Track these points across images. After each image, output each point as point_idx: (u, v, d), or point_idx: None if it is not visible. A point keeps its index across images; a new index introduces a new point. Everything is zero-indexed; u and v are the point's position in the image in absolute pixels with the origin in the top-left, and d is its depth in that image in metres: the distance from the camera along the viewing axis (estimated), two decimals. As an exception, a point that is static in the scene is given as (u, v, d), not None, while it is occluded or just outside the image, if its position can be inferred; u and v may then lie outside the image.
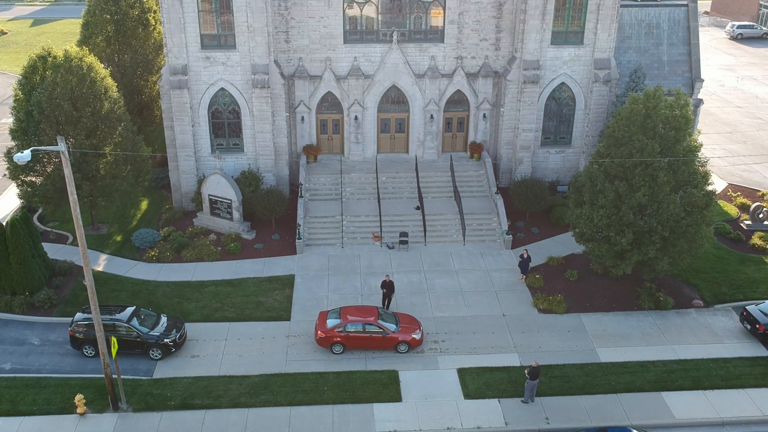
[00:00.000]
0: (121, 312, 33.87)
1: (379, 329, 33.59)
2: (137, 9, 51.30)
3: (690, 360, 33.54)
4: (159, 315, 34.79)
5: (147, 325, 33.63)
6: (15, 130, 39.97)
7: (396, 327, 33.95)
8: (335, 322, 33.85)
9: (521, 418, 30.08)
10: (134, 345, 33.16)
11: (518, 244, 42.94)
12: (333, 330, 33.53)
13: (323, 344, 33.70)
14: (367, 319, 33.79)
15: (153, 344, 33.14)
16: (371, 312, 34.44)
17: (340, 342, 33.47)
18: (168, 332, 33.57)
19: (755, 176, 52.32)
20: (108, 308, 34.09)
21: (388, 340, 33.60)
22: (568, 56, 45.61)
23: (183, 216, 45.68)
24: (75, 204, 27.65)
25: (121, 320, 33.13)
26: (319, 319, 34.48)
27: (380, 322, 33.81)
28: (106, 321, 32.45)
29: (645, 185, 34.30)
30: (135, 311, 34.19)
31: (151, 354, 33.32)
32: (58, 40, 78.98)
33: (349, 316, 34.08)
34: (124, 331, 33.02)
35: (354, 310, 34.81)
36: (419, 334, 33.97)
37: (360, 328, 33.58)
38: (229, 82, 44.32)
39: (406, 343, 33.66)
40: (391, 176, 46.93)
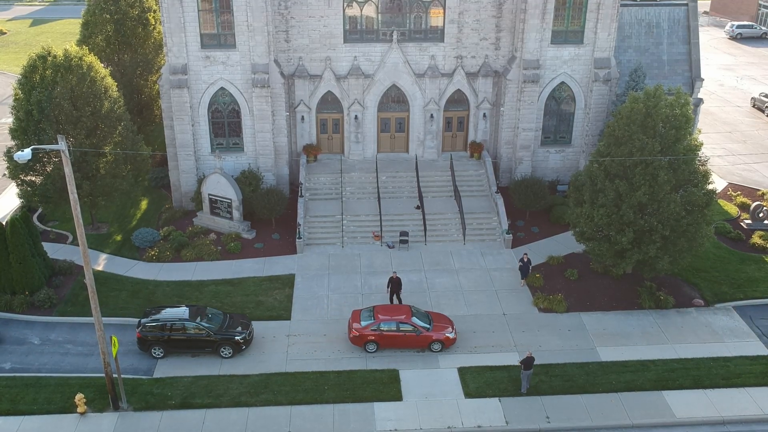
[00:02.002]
0: (179, 311, 34.00)
1: (413, 328, 33.56)
2: (137, 8, 51.36)
3: (690, 359, 33.54)
4: (225, 313, 34.80)
5: (215, 323, 33.62)
6: (15, 129, 39.93)
7: (430, 326, 33.94)
8: (369, 320, 33.84)
9: (522, 417, 30.07)
10: (204, 344, 33.16)
11: (518, 243, 42.94)
12: (367, 328, 33.52)
13: (356, 342, 33.71)
14: (401, 318, 33.75)
15: (224, 343, 33.12)
16: (404, 311, 34.40)
17: (374, 340, 33.45)
18: (238, 330, 33.59)
19: (755, 175, 52.34)
20: (162, 309, 34.28)
21: (421, 339, 33.57)
22: (568, 55, 45.61)
23: (183, 215, 45.66)
24: (75, 203, 27.63)
25: (189, 320, 33.17)
26: (352, 317, 34.48)
27: (414, 320, 33.78)
28: (174, 321, 32.81)
29: (645, 184, 34.30)
30: (199, 310, 34.23)
31: (222, 352, 33.27)
32: (57, 40, 78.91)
33: (382, 314, 34.05)
34: (193, 330, 33.05)
35: (387, 308, 34.80)
36: (453, 333, 33.96)
37: (394, 326, 33.56)
38: (229, 81, 44.31)
39: (440, 341, 33.62)
40: (391, 176, 46.93)
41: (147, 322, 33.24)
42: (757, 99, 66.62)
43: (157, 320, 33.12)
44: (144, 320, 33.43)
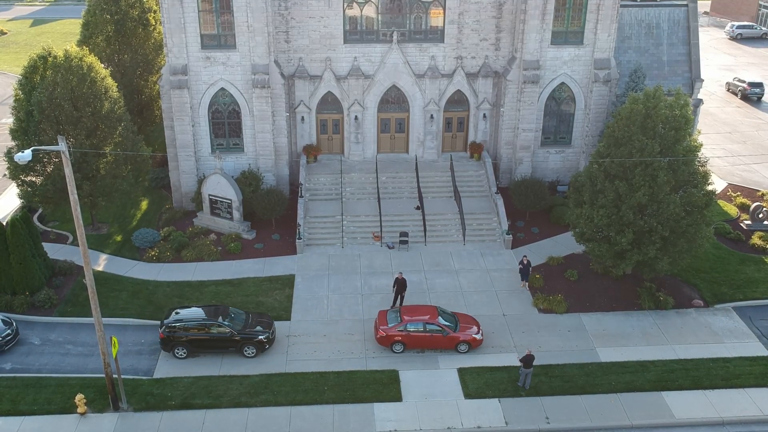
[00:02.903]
0: (207, 311, 34.20)
1: (440, 328, 33.58)
2: (137, 9, 51.33)
3: (690, 359, 33.57)
4: (247, 313, 34.88)
5: (238, 323, 33.69)
6: (15, 129, 39.98)
7: (456, 326, 33.97)
8: (396, 321, 33.90)
9: (521, 418, 30.10)
10: (228, 344, 33.23)
11: (518, 243, 42.97)
12: (394, 329, 33.56)
13: (383, 343, 33.75)
14: (428, 319, 33.78)
15: (247, 342, 33.20)
16: (431, 311, 34.42)
17: (401, 341, 33.48)
18: (260, 329, 33.69)
19: (755, 176, 52.36)
20: (185, 309, 34.35)
21: (448, 340, 33.59)
22: (568, 56, 45.64)
23: (183, 216, 45.69)
24: (75, 203, 27.65)
25: (213, 320, 33.25)
26: (379, 317, 34.53)
27: (441, 321, 33.80)
28: (198, 322, 32.93)
29: (645, 185, 34.32)
30: (222, 310, 34.30)
31: (245, 352, 33.35)
32: (58, 40, 78.91)
33: (409, 315, 34.08)
34: (217, 330, 33.12)
35: (413, 309, 34.84)
36: (480, 334, 33.98)
37: (421, 327, 33.58)
38: (229, 82, 44.34)
39: (466, 342, 33.65)
40: (391, 176, 46.95)
41: (170, 322, 33.25)
42: (731, 83, 71.76)
43: (180, 321, 33.19)
44: (167, 321, 33.44)
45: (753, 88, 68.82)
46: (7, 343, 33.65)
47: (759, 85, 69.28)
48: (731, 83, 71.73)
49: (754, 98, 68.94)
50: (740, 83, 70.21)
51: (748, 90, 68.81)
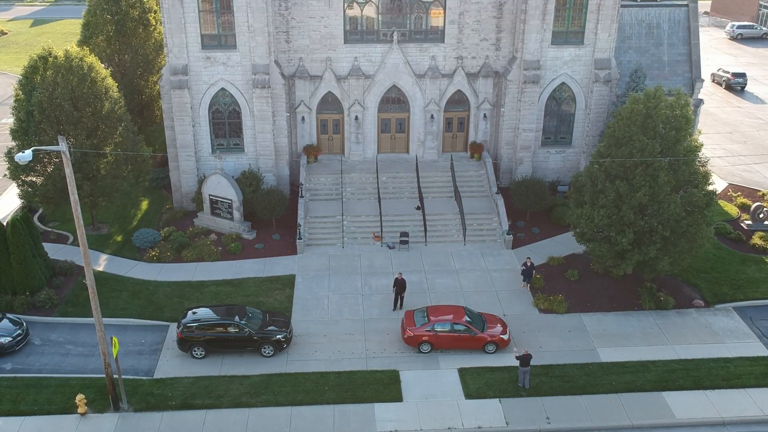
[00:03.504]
0: (224, 311, 34.26)
1: (468, 329, 33.58)
2: (138, 9, 51.33)
3: (691, 360, 33.55)
4: (263, 312, 34.90)
5: (255, 323, 33.71)
6: (15, 130, 39.98)
7: (484, 327, 33.97)
8: (423, 321, 33.90)
9: (522, 418, 30.09)
10: (246, 343, 33.28)
11: (519, 244, 42.96)
12: (421, 329, 33.54)
13: (411, 343, 33.74)
14: (455, 319, 33.78)
15: (265, 341, 33.24)
16: (458, 312, 34.42)
17: (428, 341, 33.47)
18: (278, 329, 33.73)
19: (755, 176, 52.34)
20: (202, 309, 34.39)
21: (476, 340, 33.59)
22: (569, 56, 45.63)
23: (183, 216, 45.69)
24: (76, 204, 27.65)
25: (232, 320, 33.27)
26: (406, 318, 34.51)
27: (468, 321, 33.80)
28: (216, 321, 32.97)
29: (645, 185, 34.31)
30: (240, 309, 34.32)
31: (263, 351, 33.40)
32: (58, 41, 78.94)
33: (436, 315, 34.08)
34: (235, 330, 33.15)
35: (441, 309, 34.82)
36: (507, 335, 33.96)
37: (448, 327, 33.57)
38: (229, 82, 44.34)
39: (494, 343, 33.61)
40: (392, 176, 46.95)
41: (188, 322, 33.27)
42: (716, 74, 75.08)
43: (198, 320, 33.22)
44: (185, 321, 33.45)
45: (736, 78, 72.39)
46: (18, 343, 33.70)
47: (742, 75, 72.80)
48: (716, 74, 74.49)
49: (738, 88, 72.48)
50: (725, 74, 73.43)
51: (732, 80, 72.32)
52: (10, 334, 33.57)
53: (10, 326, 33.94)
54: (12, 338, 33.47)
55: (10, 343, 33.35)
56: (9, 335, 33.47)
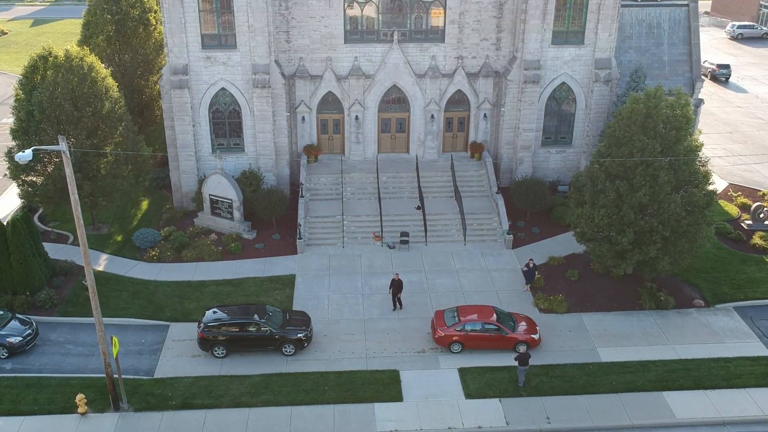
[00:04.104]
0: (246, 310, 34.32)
1: (499, 329, 33.58)
2: (138, 9, 51.33)
3: (691, 359, 33.55)
4: (283, 311, 34.95)
5: (275, 322, 33.75)
6: (16, 129, 39.97)
7: (515, 326, 33.97)
8: (453, 321, 33.90)
9: (522, 418, 30.08)
10: (267, 342, 33.34)
11: (519, 243, 42.95)
12: (452, 329, 33.55)
13: (441, 343, 33.72)
14: (487, 319, 33.78)
15: (286, 340, 33.27)
16: (489, 312, 34.42)
17: (459, 341, 33.47)
18: (299, 327, 33.76)
19: (756, 176, 52.33)
20: (222, 308, 34.49)
21: (507, 340, 33.57)
22: (569, 56, 45.62)
23: (183, 216, 45.69)
24: (76, 203, 27.65)
25: (253, 319, 33.33)
26: (436, 318, 34.52)
27: (499, 321, 33.81)
28: (237, 321, 33.03)
29: (646, 185, 34.30)
30: (260, 308, 34.38)
31: (284, 350, 33.44)
32: (58, 40, 78.99)
33: (467, 315, 34.07)
34: (257, 329, 33.20)
35: (471, 309, 34.80)
36: (537, 335, 33.96)
37: (479, 327, 33.58)
38: (229, 81, 44.33)
39: (525, 343, 33.54)
40: (392, 176, 46.94)
41: (209, 322, 33.30)
42: (701, 66, 74.87)
43: (219, 320, 33.27)
44: (205, 320, 33.49)
45: (721, 69, 74.94)
46: (28, 343, 33.71)
47: (726, 67, 75.33)
48: (701, 65, 75.05)
49: (722, 79, 74.94)
50: (710, 65, 75.55)
51: (717, 71, 74.75)
52: (21, 333, 33.57)
53: (19, 326, 33.93)
54: (22, 338, 33.48)
55: (20, 342, 33.36)
56: (19, 335, 33.48)
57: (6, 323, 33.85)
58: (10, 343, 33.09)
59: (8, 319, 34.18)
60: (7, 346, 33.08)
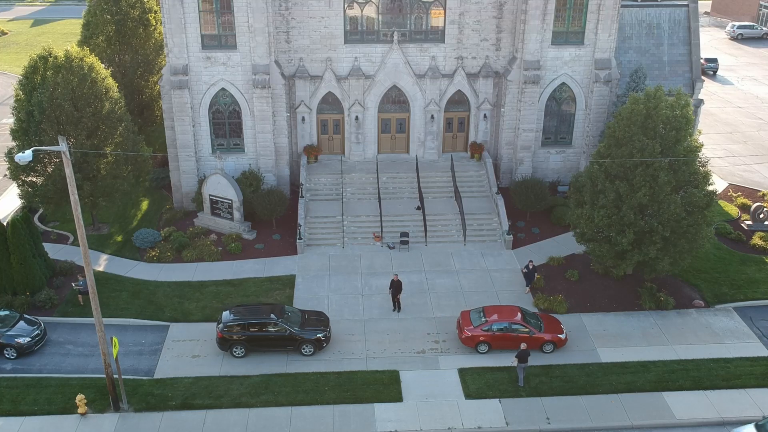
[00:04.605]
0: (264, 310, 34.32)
1: (526, 329, 33.59)
2: (138, 9, 51.34)
3: (691, 360, 33.55)
4: (302, 311, 35.00)
5: (294, 322, 33.76)
6: (16, 130, 39.99)
7: (541, 326, 34.00)
8: (480, 321, 33.91)
9: (522, 418, 30.08)
10: (286, 342, 33.37)
11: (519, 244, 42.96)
12: (479, 329, 33.56)
13: (468, 343, 33.71)
14: (513, 319, 33.82)
15: (305, 340, 33.31)
16: (515, 312, 34.46)
17: (486, 341, 33.48)
18: (318, 327, 33.80)
19: (756, 176, 52.34)
20: (242, 308, 34.56)
21: (534, 340, 33.55)
22: (569, 56, 45.62)
23: (184, 216, 45.70)
24: (76, 204, 27.66)
25: (273, 319, 33.38)
26: (462, 318, 34.53)
27: (526, 321, 33.83)
28: (257, 321, 33.10)
29: (646, 185, 34.31)
30: (279, 308, 34.38)
31: (303, 350, 33.47)
32: (58, 41, 79.04)
33: (493, 315, 34.09)
34: (277, 329, 33.24)
35: (497, 309, 34.82)
36: (564, 334, 33.98)
37: (506, 327, 33.61)
38: (229, 82, 44.34)
39: (552, 342, 33.61)
40: (392, 176, 46.95)
41: (228, 321, 33.34)
42: None
43: (238, 319, 33.29)
44: (225, 320, 33.52)
45: (709, 63, 76.97)
46: (36, 343, 33.74)
47: (714, 61, 77.64)
48: None
49: (710, 72, 77.10)
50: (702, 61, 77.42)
51: (705, 65, 76.29)
52: (29, 334, 33.59)
53: (27, 327, 33.94)
54: (31, 338, 33.50)
55: (29, 343, 33.38)
56: (28, 335, 33.50)
57: (14, 324, 33.86)
58: (18, 344, 33.10)
59: (16, 319, 34.18)
60: (16, 346, 33.09)
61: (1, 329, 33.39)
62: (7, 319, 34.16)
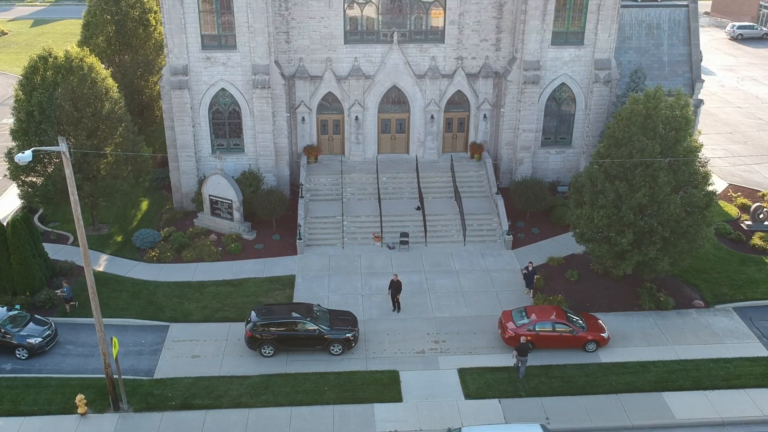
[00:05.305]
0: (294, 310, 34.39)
1: (569, 328, 33.66)
2: (138, 9, 51.37)
3: (690, 360, 33.56)
4: (330, 311, 35.07)
5: (324, 321, 33.81)
6: (16, 130, 40.00)
7: (584, 326, 34.06)
8: (523, 321, 33.95)
9: (522, 418, 30.07)
10: (316, 342, 33.45)
11: (519, 244, 42.97)
12: (522, 328, 33.57)
13: (511, 343, 33.69)
14: (557, 319, 33.90)
15: (334, 340, 33.38)
16: (558, 311, 34.51)
17: (529, 341, 33.38)
18: (347, 327, 33.88)
19: (755, 176, 52.34)
20: (271, 307, 34.67)
21: (577, 339, 33.67)
22: (569, 57, 45.63)
23: (183, 216, 45.72)
24: (76, 204, 27.68)
25: (303, 319, 33.44)
26: (504, 317, 34.59)
27: (569, 321, 33.91)
28: (287, 320, 33.22)
29: (645, 185, 34.32)
30: (308, 308, 34.49)
31: (332, 350, 33.55)
32: (58, 41, 79.02)
33: (536, 315, 34.15)
34: (306, 329, 33.33)
35: (539, 309, 34.92)
36: (606, 333, 34.05)
37: (550, 326, 33.66)
38: (229, 82, 44.36)
39: (595, 341, 33.70)
40: (392, 177, 46.96)
41: (258, 321, 33.40)
42: None
43: (269, 319, 33.38)
44: (255, 319, 33.56)
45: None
46: (48, 343, 33.74)
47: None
48: None
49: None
50: None
51: None
52: (40, 334, 33.58)
53: (38, 327, 33.90)
54: (42, 338, 33.49)
55: (40, 343, 33.38)
56: (39, 336, 33.49)
57: (25, 324, 33.83)
58: (30, 344, 33.09)
59: (27, 319, 34.16)
60: (28, 347, 33.08)
61: (13, 329, 33.33)
62: (18, 318, 34.08)
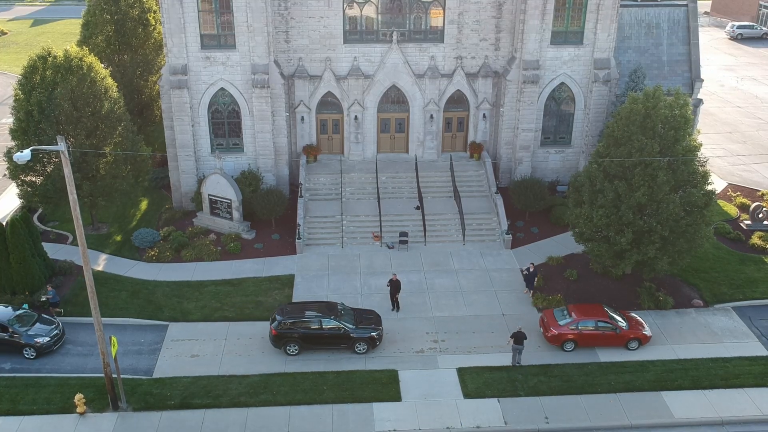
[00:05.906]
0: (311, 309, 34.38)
1: (612, 326, 33.73)
2: (137, 9, 51.36)
3: (689, 359, 33.57)
4: (354, 309, 35.10)
5: (348, 320, 33.82)
6: (15, 129, 39.99)
7: (626, 324, 34.14)
8: (566, 320, 34.05)
9: (521, 418, 30.10)
10: (341, 341, 33.51)
11: (518, 243, 42.97)
12: (566, 327, 33.73)
13: (554, 342, 33.88)
14: (600, 317, 33.98)
15: (359, 339, 33.42)
16: (600, 310, 34.64)
17: (573, 339, 33.64)
18: (371, 326, 33.91)
19: (755, 176, 52.34)
20: (296, 306, 34.79)
21: (619, 337, 33.80)
22: (568, 56, 45.63)
23: (183, 216, 45.71)
24: (75, 204, 27.68)
25: (329, 317, 33.48)
26: (547, 317, 34.70)
27: (612, 319, 33.99)
28: (313, 319, 33.32)
29: (644, 185, 34.32)
30: (332, 306, 34.50)
31: (357, 348, 33.62)
32: (58, 41, 78.90)
33: (579, 313, 34.24)
34: (331, 328, 33.39)
35: (581, 307, 35.00)
36: (648, 331, 34.19)
37: (593, 325, 33.77)
38: (229, 82, 44.35)
39: (637, 339, 33.83)
40: (391, 176, 46.95)
41: (283, 319, 33.44)
42: None
43: (294, 317, 33.45)
44: (281, 318, 33.60)
45: None
46: (55, 343, 33.73)
47: None
48: None
49: None
50: None
51: None
52: (48, 333, 33.56)
53: (45, 326, 33.86)
54: (50, 338, 33.47)
55: (48, 343, 33.35)
56: (47, 335, 33.46)
57: (33, 323, 33.80)
58: (38, 344, 33.07)
59: (34, 319, 34.14)
60: (36, 346, 33.06)
61: (21, 329, 33.29)
62: (26, 317, 34.05)
